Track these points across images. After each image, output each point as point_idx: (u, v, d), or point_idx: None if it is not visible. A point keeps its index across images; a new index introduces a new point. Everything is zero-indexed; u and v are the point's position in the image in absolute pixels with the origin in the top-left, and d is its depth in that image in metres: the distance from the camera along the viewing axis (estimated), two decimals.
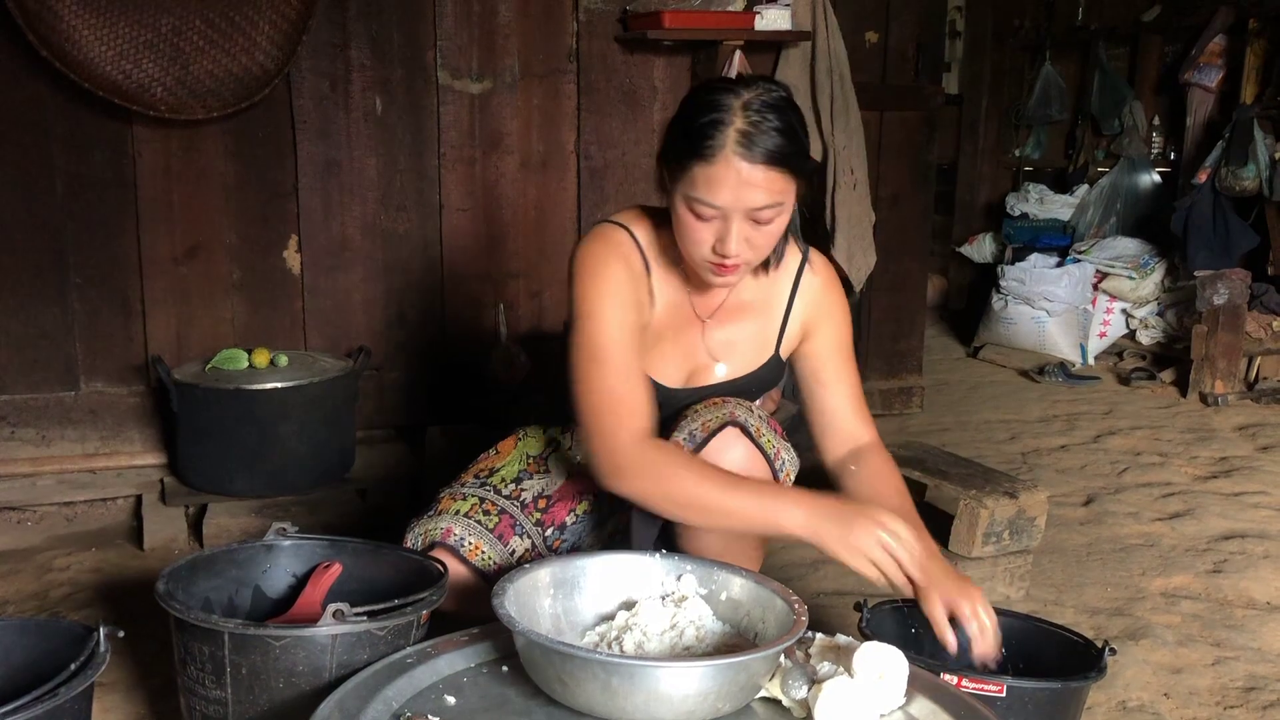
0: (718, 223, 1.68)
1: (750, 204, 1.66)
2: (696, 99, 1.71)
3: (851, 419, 1.96)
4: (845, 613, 2.51)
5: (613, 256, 1.81)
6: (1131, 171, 5.81)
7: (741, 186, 1.64)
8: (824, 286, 1.96)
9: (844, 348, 1.97)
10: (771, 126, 1.64)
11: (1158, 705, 2.17)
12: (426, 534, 1.91)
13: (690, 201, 1.68)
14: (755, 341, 1.95)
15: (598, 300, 1.77)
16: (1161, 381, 4.77)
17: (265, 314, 3.31)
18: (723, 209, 1.66)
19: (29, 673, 1.58)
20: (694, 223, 1.69)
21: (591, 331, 1.76)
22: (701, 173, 1.64)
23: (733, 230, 1.67)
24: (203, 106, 2.97)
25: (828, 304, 1.96)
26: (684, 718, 1.37)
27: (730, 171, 1.63)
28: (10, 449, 3.11)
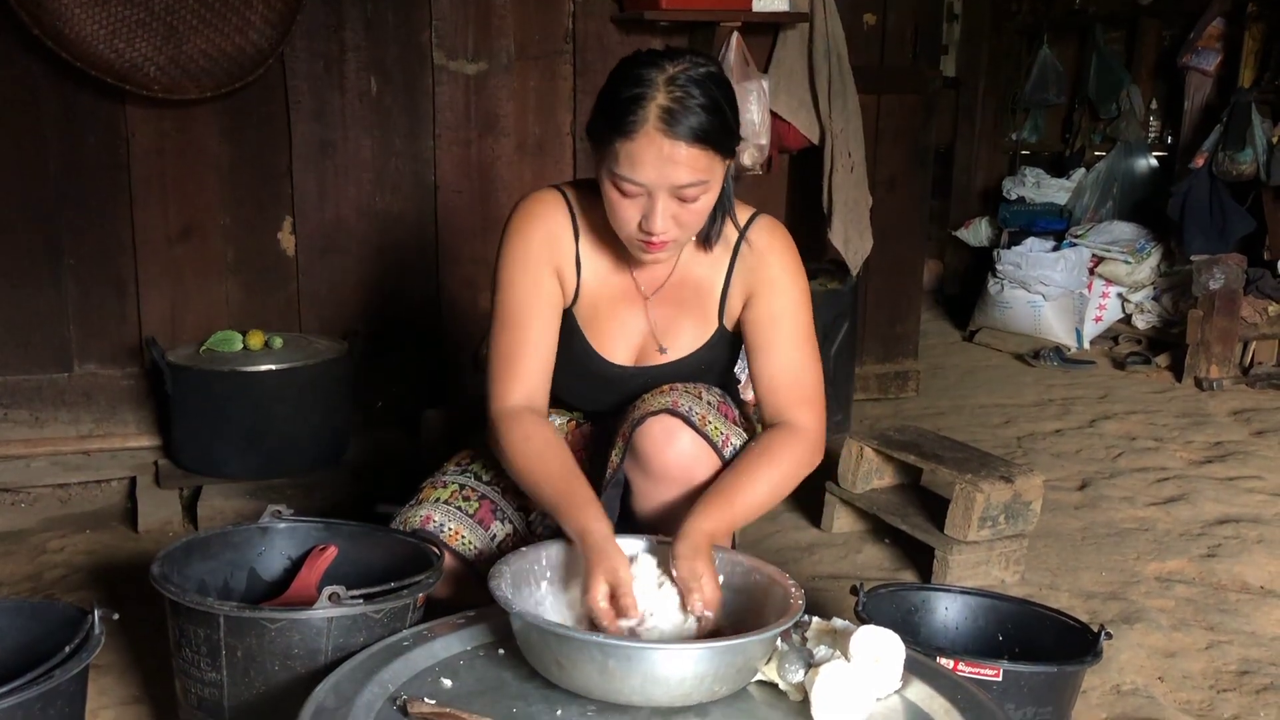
0: (643, 200, 1.66)
1: (674, 181, 1.63)
2: (621, 73, 1.68)
3: (781, 393, 1.83)
4: (841, 597, 2.52)
5: (535, 221, 1.84)
6: (1128, 155, 5.80)
7: (664, 163, 1.61)
8: (765, 250, 1.86)
9: (785, 315, 1.85)
10: (696, 103, 1.60)
11: (1152, 689, 2.18)
12: (406, 521, 1.91)
13: (614, 178, 1.65)
14: (699, 316, 1.92)
15: (509, 265, 1.83)
16: (1157, 366, 4.78)
17: (260, 296, 3.29)
18: (646, 185, 1.64)
19: (23, 655, 1.58)
20: (619, 199, 1.67)
21: (499, 296, 1.83)
22: (624, 149, 1.62)
23: (658, 207, 1.65)
24: (196, 86, 2.95)
25: (769, 269, 1.86)
26: (680, 700, 1.37)
27: (652, 148, 1.60)
28: (4, 430, 3.10)
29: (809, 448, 1.80)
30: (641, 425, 1.79)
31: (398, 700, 1.36)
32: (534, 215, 1.85)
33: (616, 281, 1.90)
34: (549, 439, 1.75)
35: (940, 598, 1.97)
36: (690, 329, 1.92)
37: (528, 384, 1.80)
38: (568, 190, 1.89)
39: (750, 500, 1.71)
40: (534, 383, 1.81)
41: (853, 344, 3.83)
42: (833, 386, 3.71)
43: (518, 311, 1.81)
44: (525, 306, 1.81)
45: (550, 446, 1.74)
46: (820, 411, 1.84)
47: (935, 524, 2.66)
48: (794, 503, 3.12)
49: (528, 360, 1.81)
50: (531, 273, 1.82)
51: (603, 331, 1.91)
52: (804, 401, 1.82)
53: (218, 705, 1.62)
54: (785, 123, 3.57)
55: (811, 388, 1.84)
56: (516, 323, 1.81)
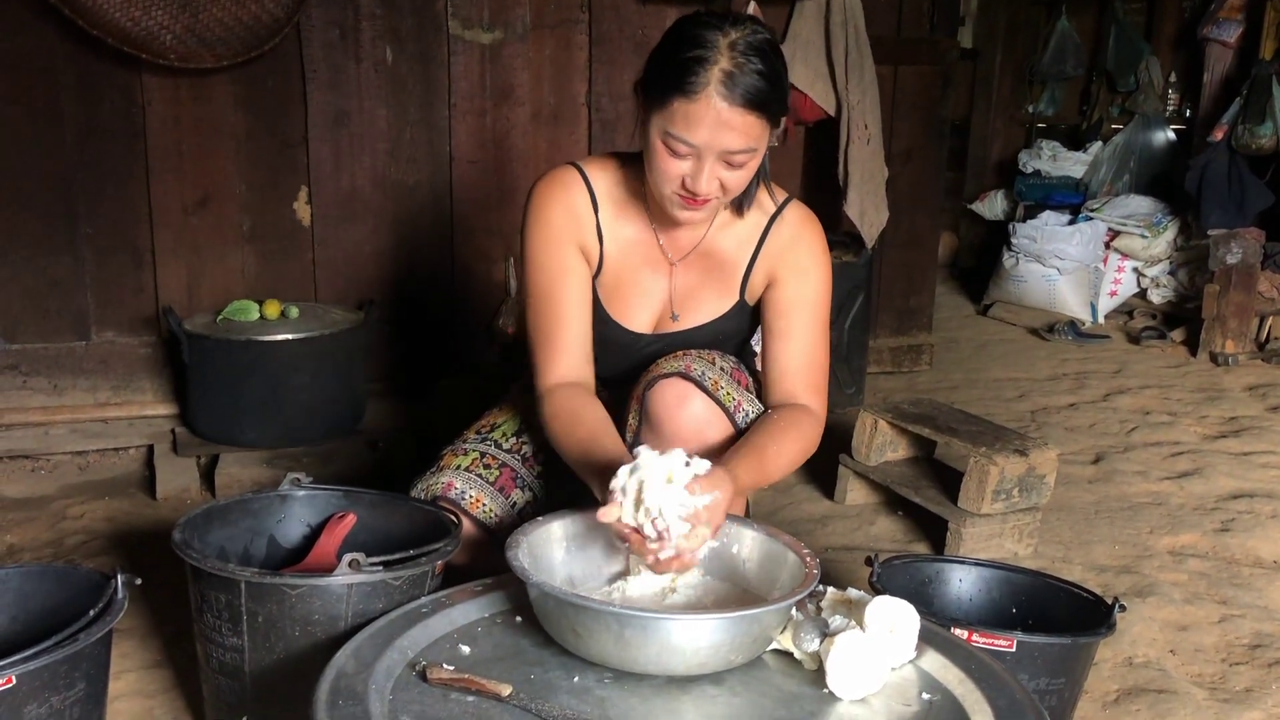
0: (691, 160, 1.66)
1: (726, 145, 1.64)
2: (682, 32, 1.67)
3: (793, 379, 1.85)
4: (855, 568, 2.53)
5: (553, 200, 1.85)
6: (1146, 128, 5.76)
7: (719, 127, 1.62)
8: (795, 237, 1.88)
9: (806, 304, 1.87)
10: (754, 69, 1.61)
11: (1164, 662, 2.19)
12: (428, 488, 1.93)
13: (666, 137, 1.65)
14: (721, 288, 1.93)
15: (534, 246, 1.85)
16: (1172, 341, 4.76)
17: (276, 265, 3.30)
18: (698, 147, 1.64)
19: (48, 619, 1.60)
20: (667, 157, 1.67)
21: (530, 278, 1.86)
22: (681, 108, 1.62)
23: (705, 169, 1.66)
24: (212, 55, 2.95)
25: (796, 256, 1.88)
26: (696, 669, 1.38)
27: (710, 110, 1.61)
28: (23, 398, 3.13)
29: (818, 430, 1.85)
30: (654, 388, 1.81)
31: (417, 666, 1.37)
32: (552, 193, 1.86)
33: (640, 248, 1.91)
34: (585, 409, 1.76)
35: (954, 569, 1.98)
36: (711, 298, 1.93)
37: (568, 359, 1.82)
38: (582, 165, 1.90)
39: (777, 464, 1.74)
40: (574, 357, 1.83)
41: (867, 317, 3.82)
42: (846, 359, 3.73)
43: (549, 290, 1.83)
44: (555, 284, 1.83)
45: (584, 414, 1.75)
46: (825, 401, 1.89)
47: (949, 497, 2.67)
48: (807, 475, 3.13)
49: (565, 336, 1.82)
50: (556, 250, 1.84)
51: (623, 298, 1.92)
52: (813, 389, 1.86)
53: (239, 670, 1.64)
54: (802, 94, 3.55)
55: (821, 377, 1.88)
56: (549, 302, 1.83)
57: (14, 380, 3.12)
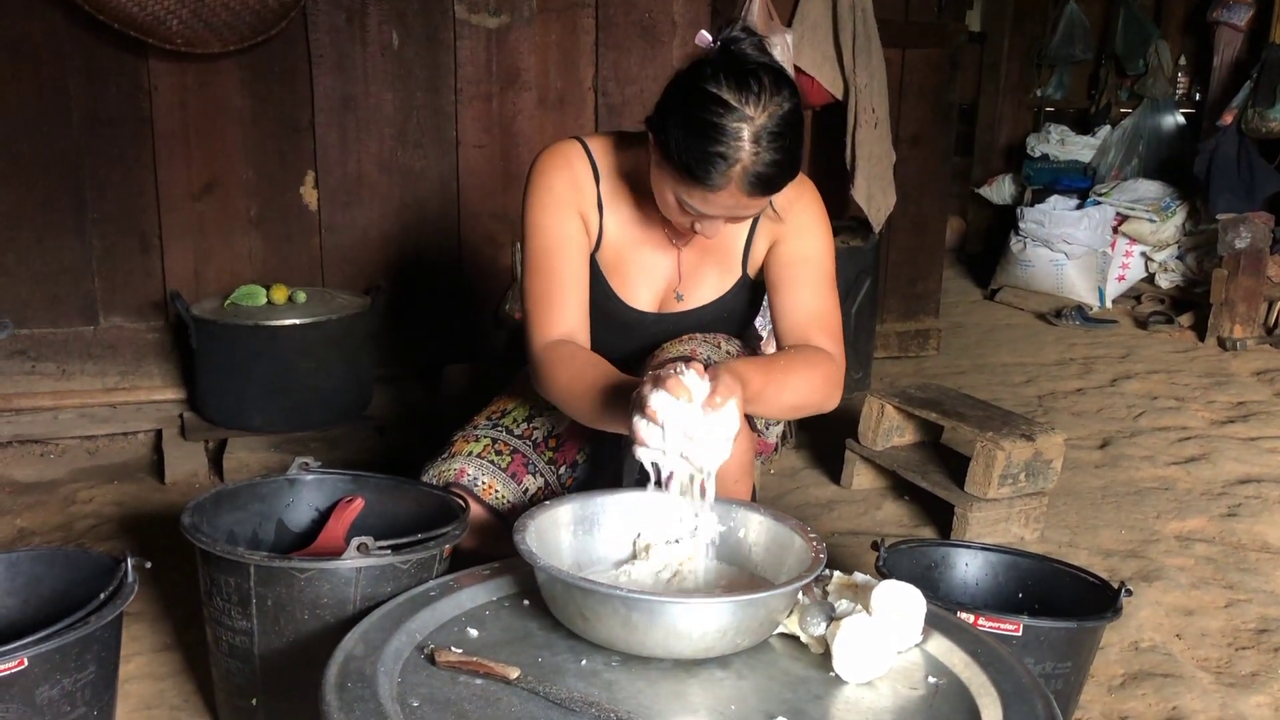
0: (703, 218, 1.69)
1: (740, 215, 1.69)
2: (705, 114, 1.57)
3: (805, 328, 1.82)
4: (861, 552, 2.53)
5: (556, 167, 1.84)
6: (1155, 112, 5.73)
7: (735, 208, 1.65)
8: (792, 201, 1.84)
9: (807, 259, 1.85)
10: (776, 160, 1.59)
11: (1170, 646, 2.19)
12: (440, 475, 1.92)
13: (682, 200, 1.67)
14: (723, 265, 1.92)
15: (534, 210, 1.84)
16: (1179, 325, 4.75)
17: (283, 250, 3.31)
18: (712, 218, 1.68)
19: (59, 602, 1.61)
20: (677, 209, 1.69)
21: (529, 243, 1.84)
22: (699, 193, 1.63)
23: (718, 226, 1.71)
24: (219, 40, 2.95)
25: (794, 218, 1.86)
26: (703, 653, 1.39)
27: (731, 199, 1.62)
28: (31, 382, 3.14)
29: (838, 374, 1.79)
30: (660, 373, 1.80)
31: (425, 649, 1.38)
32: (554, 162, 1.85)
33: (641, 228, 1.90)
34: (597, 358, 1.75)
35: (960, 554, 1.98)
36: (714, 277, 1.93)
37: (566, 321, 1.80)
38: (587, 140, 1.89)
39: (783, 385, 1.68)
40: (572, 319, 1.81)
41: (874, 301, 3.82)
42: (853, 344, 3.73)
43: (547, 254, 1.82)
44: (555, 248, 1.82)
45: (594, 360, 1.74)
46: (842, 347, 1.83)
47: (955, 481, 2.67)
48: (813, 459, 3.13)
49: (562, 299, 1.81)
50: (556, 215, 1.83)
51: (626, 276, 1.92)
52: (827, 334, 1.81)
53: (248, 653, 1.65)
54: (809, 78, 3.53)
55: (833, 323, 1.84)
56: (548, 265, 1.81)
57: (23, 365, 3.13)
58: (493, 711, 1.25)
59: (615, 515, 1.65)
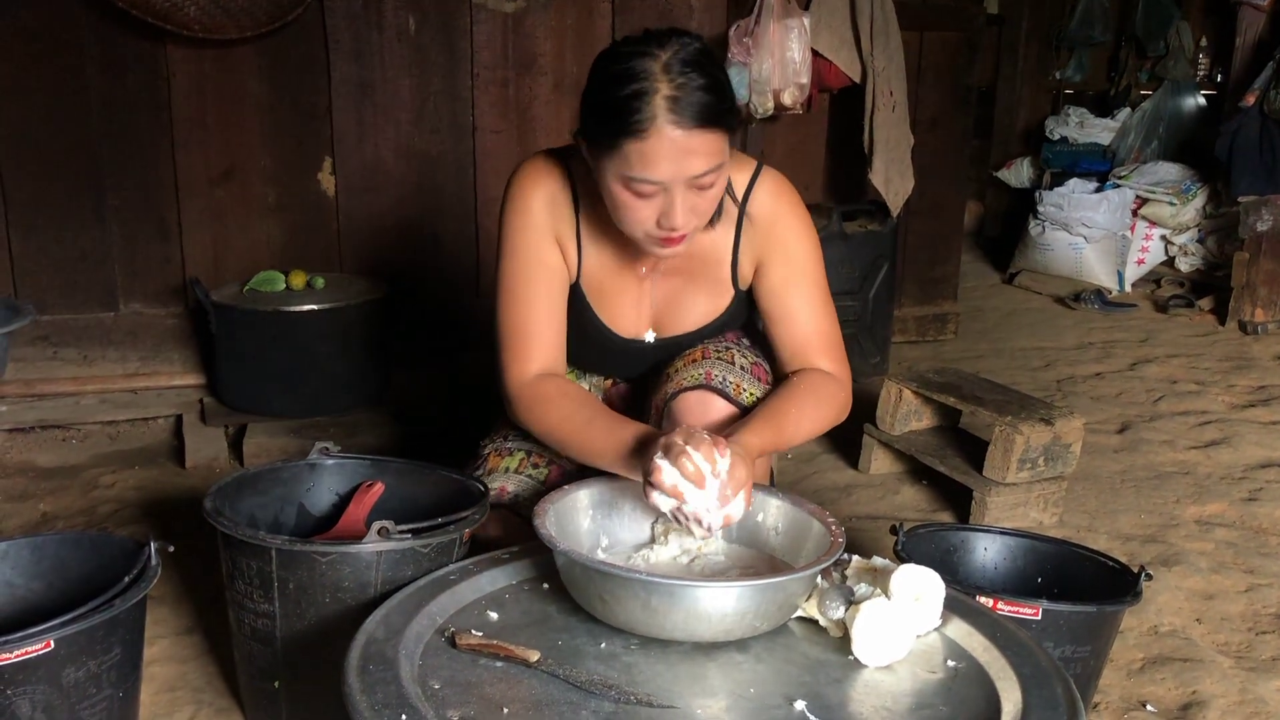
0: (659, 198, 1.57)
1: (691, 172, 1.55)
2: (608, 69, 1.56)
3: (805, 353, 1.80)
4: (879, 536, 2.53)
5: (535, 192, 1.76)
6: (1176, 94, 5.68)
7: (681, 156, 1.53)
8: (772, 218, 1.79)
9: (797, 281, 1.80)
10: (698, 85, 1.51)
11: (1189, 630, 2.18)
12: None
13: (627, 181, 1.56)
14: (712, 286, 1.86)
15: (511, 236, 1.77)
16: (1200, 309, 4.72)
17: (301, 237, 3.32)
18: (663, 183, 1.55)
19: (84, 585, 1.62)
20: (634, 201, 1.58)
21: (504, 266, 1.78)
22: (635, 149, 1.52)
23: (676, 202, 1.57)
24: (236, 26, 2.95)
25: (777, 235, 1.79)
26: (722, 636, 1.39)
27: (665, 142, 1.51)
28: (53, 368, 3.16)
29: (846, 395, 1.79)
30: (677, 400, 1.79)
31: (446, 632, 1.39)
32: (533, 181, 1.78)
33: (622, 259, 1.83)
34: (580, 394, 1.72)
35: (979, 538, 1.98)
36: (705, 299, 1.88)
37: (544, 355, 1.76)
38: (566, 159, 1.79)
39: (796, 430, 1.69)
40: (550, 353, 1.77)
41: (891, 286, 3.80)
42: (871, 328, 3.72)
43: (524, 281, 1.76)
44: (530, 275, 1.76)
45: (584, 399, 1.71)
46: (846, 363, 1.81)
47: (974, 466, 2.66)
48: (832, 444, 3.13)
49: (540, 331, 1.76)
50: (534, 240, 1.76)
51: (613, 306, 1.87)
52: (828, 355, 1.80)
53: (270, 636, 1.66)
54: (826, 61, 3.52)
55: (834, 340, 1.81)
56: (524, 293, 1.76)
57: (45, 351, 3.15)
58: (513, 693, 1.26)
59: (634, 500, 1.65)
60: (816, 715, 1.25)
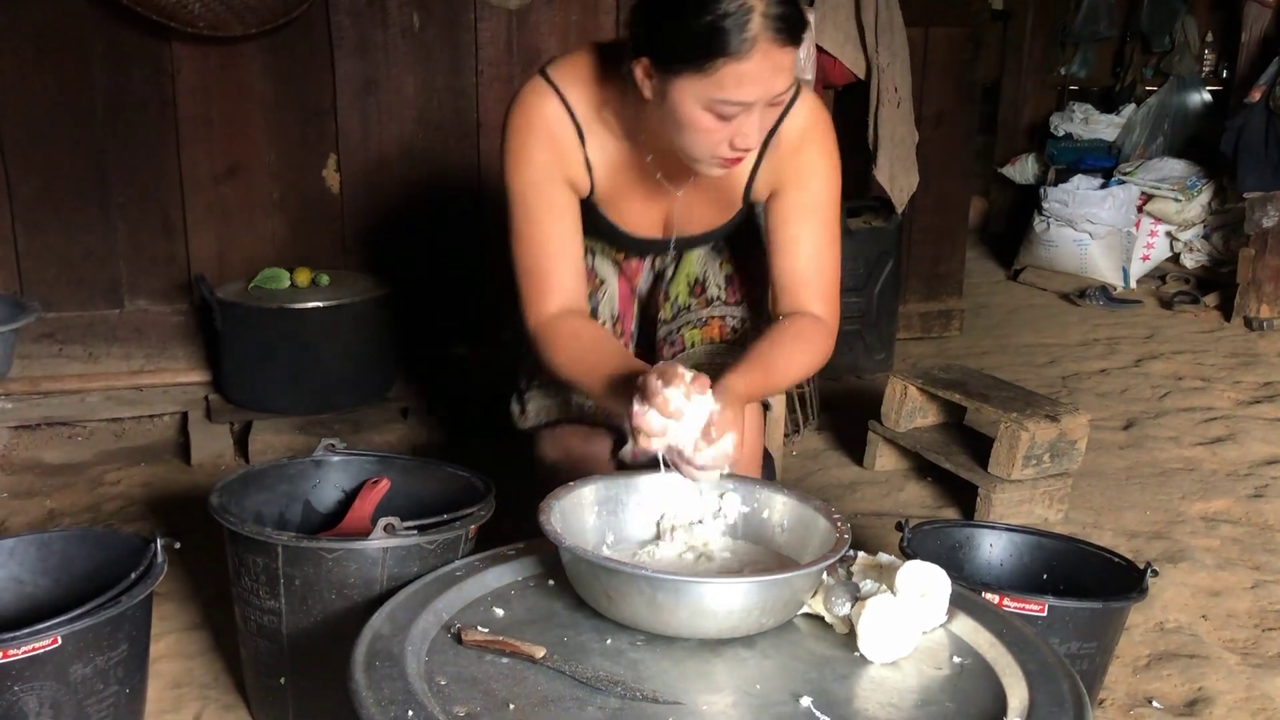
0: (738, 119, 1.50)
1: (777, 90, 1.49)
2: None
3: (801, 290, 1.76)
4: (885, 533, 2.53)
5: (534, 132, 1.69)
6: (1181, 90, 5.66)
7: (773, 75, 1.47)
8: (800, 143, 1.73)
9: (813, 209, 1.75)
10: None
11: (1196, 627, 2.18)
12: (545, 411, 1.93)
13: (712, 104, 1.49)
14: (722, 201, 1.83)
15: (516, 184, 1.71)
16: (1205, 305, 4.71)
17: (306, 234, 3.32)
18: (752, 103, 1.49)
19: (90, 581, 1.63)
20: (713, 124, 1.51)
21: (513, 213, 1.73)
22: (732, 71, 1.45)
23: (755, 121, 1.51)
24: (240, 23, 2.95)
25: (803, 161, 1.74)
26: (728, 632, 1.39)
27: (765, 62, 1.45)
28: (59, 365, 3.17)
29: (830, 341, 1.77)
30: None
31: (452, 628, 1.39)
32: (531, 126, 1.70)
33: (632, 168, 1.78)
34: (599, 334, 1.72)
35: (985, 534, 1.98)
36: (714, 209, 1.85)
37: (561, 293, 1.72)
38: (562, 85, 1.72)
39: (783, 376, 1.69)
40: (568, 291, 1.73)
41: (896, 282, 3.80)
42: (876, 325, 3.72)
43: (534, 225, 1.72)
44: (539, 218, 1.71)
45: (603, 338, 1.70)
46: (837, 309, 1.79)
47: (979, 462, 2.66)
48: (836, 440, 3.13)
49: (554, 270, 1.72)
50: (539, 184, 1.71)
51: (625, 211, 1.83)
52: (823, 298, 1.76)
53: (276, 632, 1.66)
54: (830, 57, 3.51)
55: (832, 283, 1.78)
56: (535, 237, 1.72)
57: (50, 348, 3.16)
58: (519, 689, 1.26)
59: (639, 496, 1.65)
60: (822, 711, 1.25)
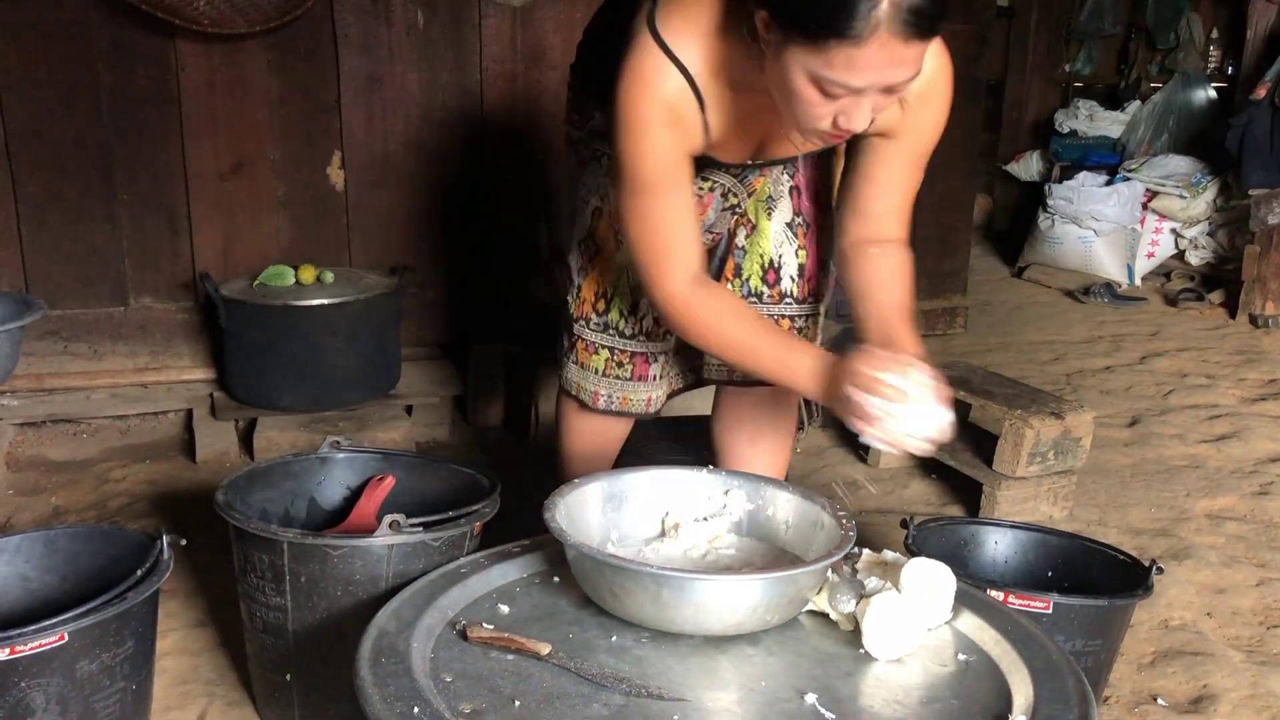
0: (847, 99, 1.40)
1: (892, 81, 1.38)
2: None
3: (887, 219, 1.78)
4: (889, 530, 2.53)
5: (655, 111, 1.57)
6: (1186, 87, 5.65)
7: (889, 66, 1.35)
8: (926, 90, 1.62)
9: (912, 161, 1.74)
10: None
11: (1200, 624, 2.18)
12: (579, 388, 1.98)
13: (819, 80, 1.37)
14: None
15: (638, 162, 1.61)
16: (1210, 303, 4.70)
17: (310, 231, 3.32)
18: (862, 89, 1.38)
19: (96, 578, 1.63)
20: (817, 98, 1.40)
21: (630, 188, 1.64)
22: (843, 53, 1.32)
23: (864, 107, 1.41)
24: (245, 20, 2.95)
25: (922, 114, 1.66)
26: (733, 629, 1.39)
27: (883, 53, 1.32)
28: (64, 363, 3.17)
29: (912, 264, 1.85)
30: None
31: (457, 625, 1.39)
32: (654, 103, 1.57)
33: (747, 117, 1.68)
34: (735, 310, 1.72)
35: (990, 532, 1.98)
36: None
37: (685, 264, 1.68)
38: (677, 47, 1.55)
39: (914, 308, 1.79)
40: (691, 260, 1.69)
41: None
42: None
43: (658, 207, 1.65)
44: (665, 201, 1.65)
45: (739, 316, 1.71)
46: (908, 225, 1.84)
47: (983, 460, 2.66)
48: (840, 438, 3.12)
49: (680, 246, 1.68)
50: (664, 167, 1.62)
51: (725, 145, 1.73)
52: (905, 221, 1.82)
53: (282, 629, 1.67)
54: None
55: (909, 210, 1.82)
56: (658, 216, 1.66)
57: (55, 345, 3.16)
58: (524, 686, 1.26)
59: (644, 493, 1.65)
60: (827, 708, 1.26)
